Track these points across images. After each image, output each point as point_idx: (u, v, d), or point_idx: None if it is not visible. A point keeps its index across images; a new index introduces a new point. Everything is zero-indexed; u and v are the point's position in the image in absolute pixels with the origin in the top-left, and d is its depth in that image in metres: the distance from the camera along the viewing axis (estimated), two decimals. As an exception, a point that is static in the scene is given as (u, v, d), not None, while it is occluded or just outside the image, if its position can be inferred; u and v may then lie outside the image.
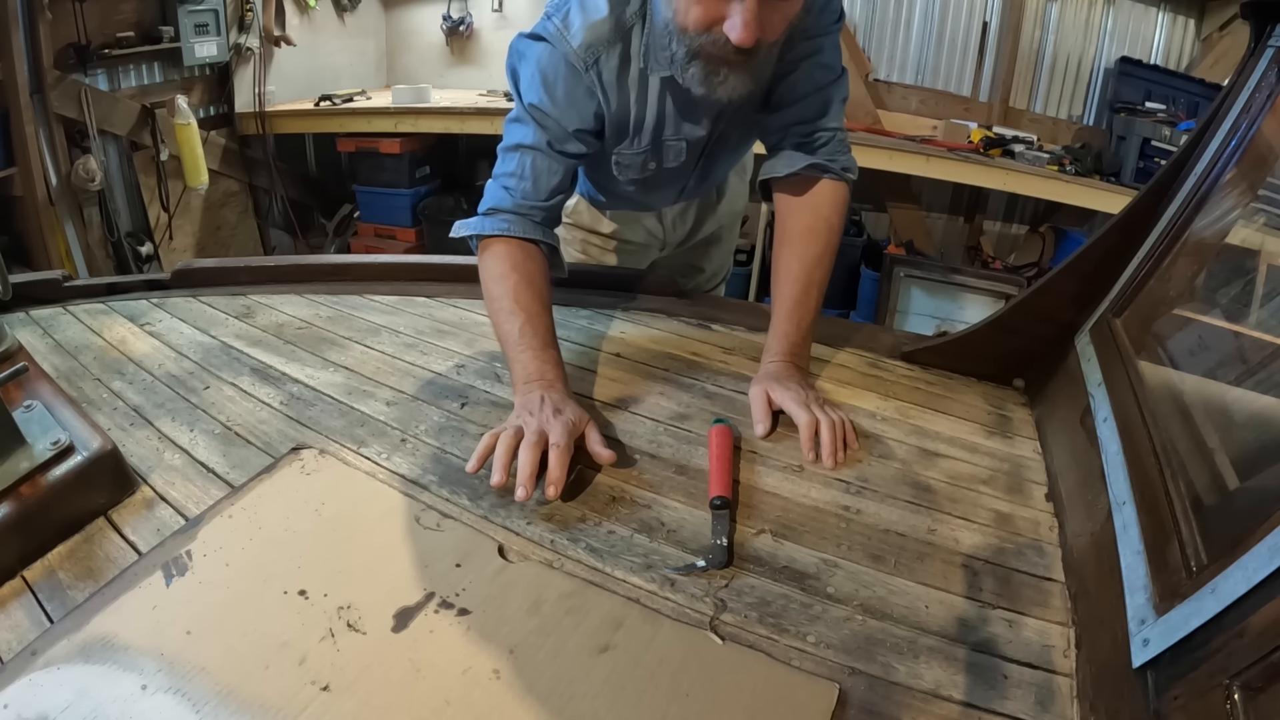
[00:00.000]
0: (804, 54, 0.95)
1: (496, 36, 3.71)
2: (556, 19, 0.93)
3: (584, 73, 0.93)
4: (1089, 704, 0.57)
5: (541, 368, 0.87)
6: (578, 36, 0.91)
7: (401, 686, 0.56)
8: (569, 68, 0.93)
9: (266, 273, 1.33)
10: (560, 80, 0.93)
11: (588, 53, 0.92)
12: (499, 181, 0.98)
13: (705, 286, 1.53)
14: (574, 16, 0.92)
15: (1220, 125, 0.87)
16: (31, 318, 1.13)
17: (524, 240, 0.96)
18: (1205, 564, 0.53)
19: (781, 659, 0.60)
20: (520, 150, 0.96)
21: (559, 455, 0.76)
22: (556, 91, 0.94)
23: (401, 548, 0.69)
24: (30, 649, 0.57)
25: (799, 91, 0.98)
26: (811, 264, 0.99)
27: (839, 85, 1.00)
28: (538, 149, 0.96)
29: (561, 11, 0.93)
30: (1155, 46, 3.00)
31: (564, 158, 0.97)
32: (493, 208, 0.97)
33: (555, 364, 0.88)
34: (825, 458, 0.84)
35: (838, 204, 1.02)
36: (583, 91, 0.94)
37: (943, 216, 3.53)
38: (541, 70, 0.94)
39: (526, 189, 0.96)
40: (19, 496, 0.67)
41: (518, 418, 0.81)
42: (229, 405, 0.91)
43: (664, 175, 1.11)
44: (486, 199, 0.99)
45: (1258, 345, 0.81)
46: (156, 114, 2.93)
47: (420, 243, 3.55)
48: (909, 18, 3.20)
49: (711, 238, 1.45)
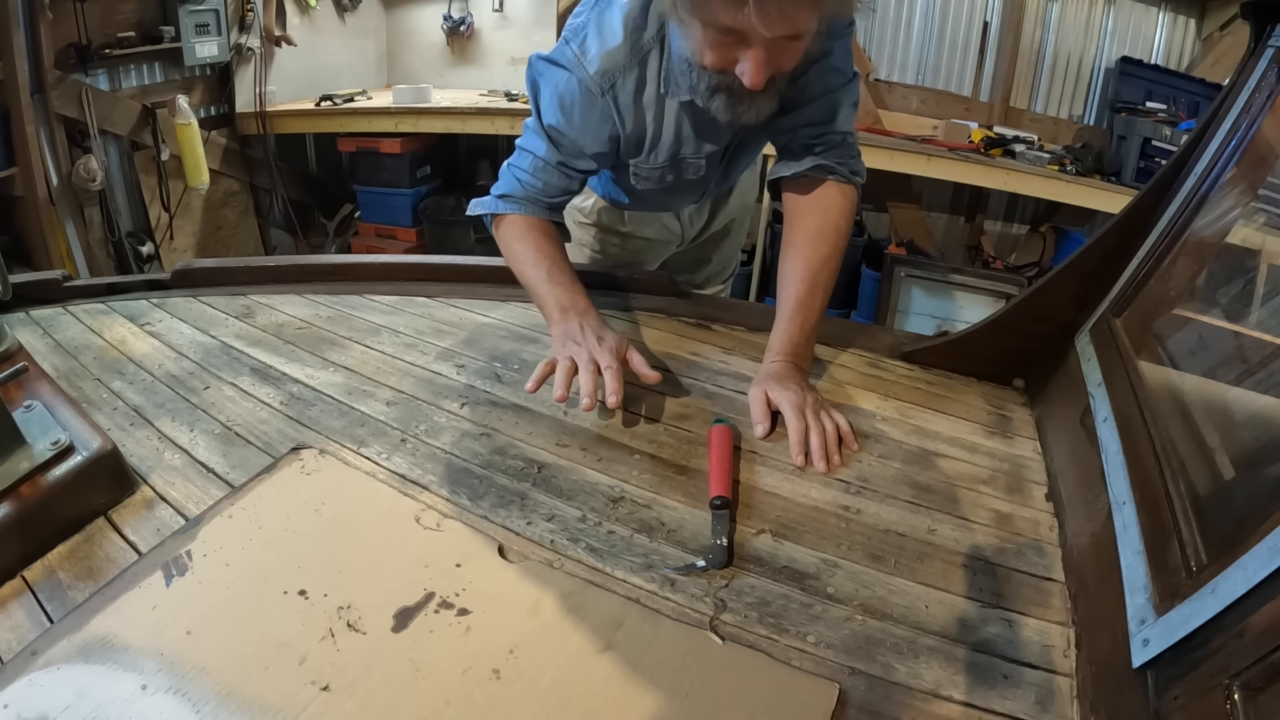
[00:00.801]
0: (815, 56, 0.95)
1: (497, 36, 3.71)
2: (574, 44, 0.95)
3: (600, 97, 0.95)
4: (1089, 704, 0.57)
5: (574, 299, 0.96)
6: (594, 63, 0.93)
7: (401, 686, 0.56)
8: (585, 93, 0.95)
9: (267, 273, 1.33)
10: (576, 106, 0.96)
11: (604, 78, 0.94)
12: (513, 171, 1.05)
13: (714, 280, 1.55)
14: (591, 43, 0.94)
15: (1220, 125, 0.87)
16: (31, 318, 1.13)
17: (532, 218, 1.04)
18: (1205, 564, 0.53)
19: (781, 659, 0.60)
20: (534, 158, 1.02)
21: (614, 375, 0.85)
22: (573, 116, 0.97)
23: (401, 548, 0.69)
24: (30, 649, 0.57)
25: (809, 94, 0.98)
26: (818, 265, 0.99)
27: (849, 89, 1.01)
28: (550, 163, 1.02)
29: (579, 37, 0.95)
30: (1156, 46, 3.00)
31: (575, 173, 1.03)
32: (506, 193, 1.05)
33: (585, 295, 0.97)
34: (816, 462, 0.84)
35: (845, 207, 1.02)
36: (598, 116, 0.97)
37: (943, 216, 3.52)
38: (559, 95, 0.97)
39: (537, 188, 1.03)
40: (19, 496, 0.67)
41: (563, 345, 0.91)
42: (229, 405, 0.91)
43: (684, 184, 1.14)
44: (501, 183, 1.06)
45: (1258, 345, 0.81)
46: (157, 114, 2.93)
47: (421, 243, 3.55)
48: (909, 17, 3.20)
49: (722, 231, 1.47)
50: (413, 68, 3.90)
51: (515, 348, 1.08)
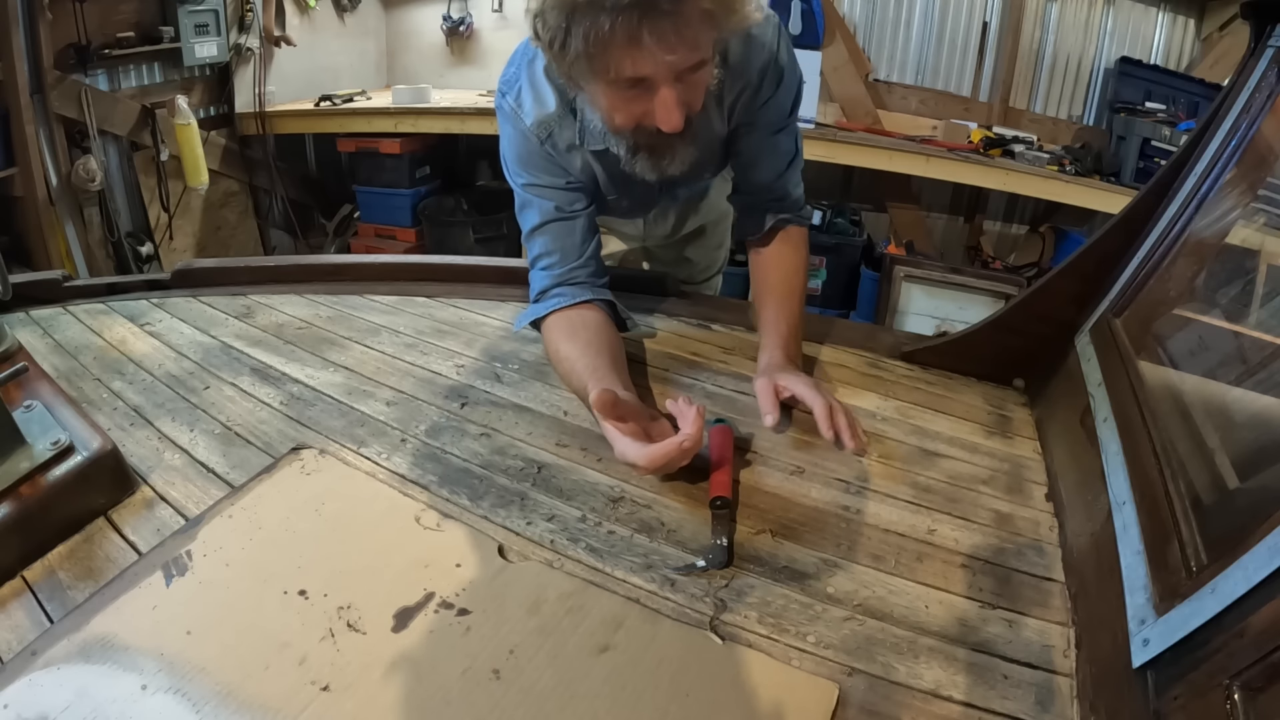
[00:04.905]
0: (764, 122, 1.00)
1: (496, 37, 3.71)
2: (510, 98, 0.97)
3: (540, 145, 0.97)
4: (1089, 704, 0.57)
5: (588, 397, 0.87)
6: (529, 115, 0.96)
7: (401, 686, 0.56)
8: (529, 141, 0.97)
9: (266, 273, 1.33)
10: (531, 152, 0.98)
11: (540, 128, 0.96)
12: (536, 268, 1.03)
13: (698, 278, 1.55)
14: (525, 97, 0.96)
15: (1220, 125, 0.87)
16: (31, 318, 1.13)
17: (577, 306, 0.99)
18: (1205, 564, 0.53)
19: (781, 659, 0.60)
20: (537, 232, 1.01)
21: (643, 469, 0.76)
22: (534, 162, 0.98)
23: (401, 548, 0.69)
24: (30, 649, 0.57)
25: (762, 155, 1.05)
26: (791, 273, 1.07)
27: (799, 157, 1.09)
28: (550, 221, 1.00)
29: (514, 90, 0.97)
30: (1155, 46, 3.00)
31: (577, 215, 1.01)
32: (540, 292, 1.02)
33: (599, 385, 0.85)
34: (848, 440, 0.82)
35: (802, 239, 1.12)
36: (548, 160, 0.99)
37: (943, 216, 3.52)
38: (516, 152, 0.99)
39: (558, 260, 1.01)
40: (19, 496, 0.67)
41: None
42: (229, 405, 0.91)
43: (632, 207, 1.17)
44: (532, 286, 1.03)
45: (1258, 345, 0.81)
46: (157, 114, 2.92)
47: (420, 243, 3.54)
48: (909, 18, 3.20)
49: (696, 233, 1.47)
50: (412, 68, 3.90)
51: (515, 348, 1.08)
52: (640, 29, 0.72)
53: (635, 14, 0.71)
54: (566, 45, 0.75)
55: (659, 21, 0.72)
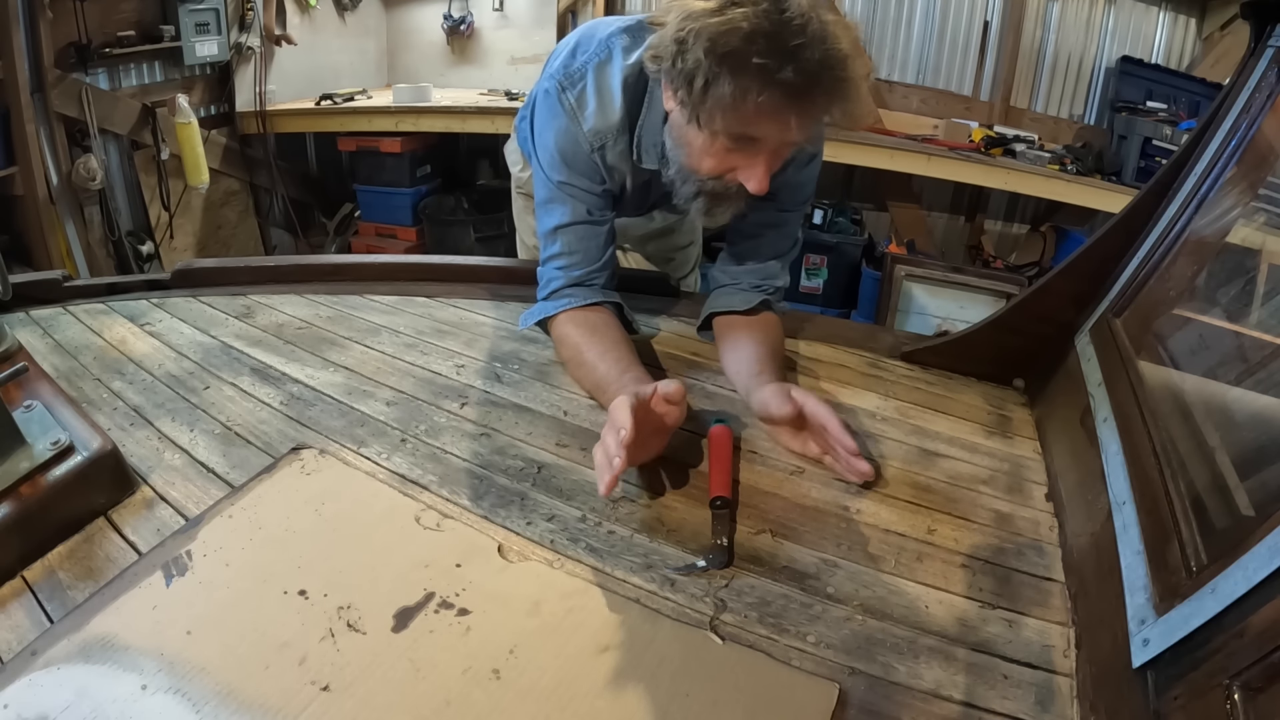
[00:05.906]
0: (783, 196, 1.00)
1: (497, 36, 3.71)
2: (571, 95, 0.96)
3: (591, 152, 0.97)
4: (1089, 704, 0.57)
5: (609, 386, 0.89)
6: (589, 121, 0.95)
7: (401, 686, 0.56)
8: (579, 144, 0.97)
9: (267, 273, 1.33)
10: (579, 155, 0.98)
11: (596, 137, 0.96)
12: (550, 266, 1.02)
13: (677, 273, 1.56)
14: (589, 99, 0.95)
15: (1220, 125, 0.87)
16: (31, 318, 1.13)
17: (589, 307, 1.00)
18: (1205, 564, 0.53)
19: (781, 659, 0.60)
20: (561, 231, 1.01)
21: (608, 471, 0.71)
22: (577, 164, 0.98)
23: (401, 548, 0.69)
24: (30, 649, 0.57)
25: (769, 231, 1.06)
26: (777, 345, 1.01)
27: (797, 249, 1.10)
28: (579, 223, 1.00)
29: (577, 88, 0.96)
30: (1156, 46, 3.00)
31: (605, 221, 1.02)
32: (552, 290, 1.02)
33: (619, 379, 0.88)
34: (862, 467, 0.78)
35: (781, 326, 1.06)
36: (591, 165, 0.99)
37: (943, 216, 3.52)
38: (560, 148, 0.98)
39: (577, 262, 1.01)
40: (19, 496, 0.67)
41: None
42: (229, 405, 0.91)
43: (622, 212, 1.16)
44: (542, 284, 1.03)
45: (1258, 345, 0.81)
46: (157, 113, 2.92)
47: (421, 242, 3.54)
48: (910, 17, 3.20)
49: (666, 229, 1.47)
50: (413, 67, 3.89)
51: (515, 348, 1.08)
52: (791, 108, 0.75)
53: (794, 91, 0.73)
54: (709, 89, 0.75)
55: (810, 106, 0.75)
